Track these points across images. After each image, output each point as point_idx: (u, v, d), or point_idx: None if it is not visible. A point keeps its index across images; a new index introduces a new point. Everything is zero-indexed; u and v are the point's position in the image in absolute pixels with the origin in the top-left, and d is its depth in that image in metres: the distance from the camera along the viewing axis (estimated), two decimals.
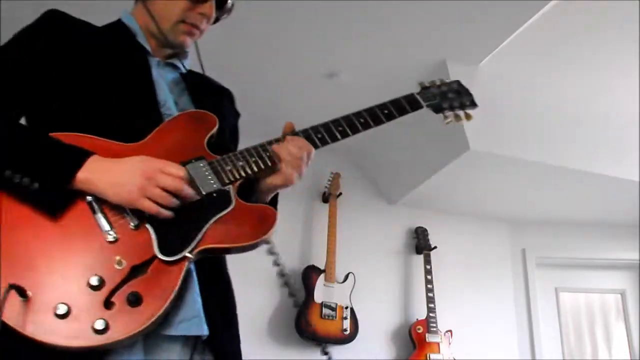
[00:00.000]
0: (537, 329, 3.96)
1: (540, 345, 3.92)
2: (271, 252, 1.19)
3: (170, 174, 0.97)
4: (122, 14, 1.26)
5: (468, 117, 1.42)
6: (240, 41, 2.81)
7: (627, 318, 4.12)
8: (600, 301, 4.27)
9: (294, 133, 1.16)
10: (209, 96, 1.24)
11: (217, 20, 1.29)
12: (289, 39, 2.83)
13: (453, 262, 3.90)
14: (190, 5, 1.18)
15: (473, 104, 1.41)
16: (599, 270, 4.22)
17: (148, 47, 1.22)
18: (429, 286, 3.60)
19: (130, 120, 1.07)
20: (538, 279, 4.13)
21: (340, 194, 3.68)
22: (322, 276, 3.38)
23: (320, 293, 3.32)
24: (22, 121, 1.09)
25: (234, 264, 1.22)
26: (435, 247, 3.79)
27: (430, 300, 3.57)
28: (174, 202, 0.97)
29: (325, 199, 3.67)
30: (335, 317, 3.29)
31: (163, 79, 1.20)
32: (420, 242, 3.82)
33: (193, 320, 0.98)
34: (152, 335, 0.95)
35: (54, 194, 0.92)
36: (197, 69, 1.34)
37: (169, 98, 1.17)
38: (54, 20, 1.12)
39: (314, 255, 3.52)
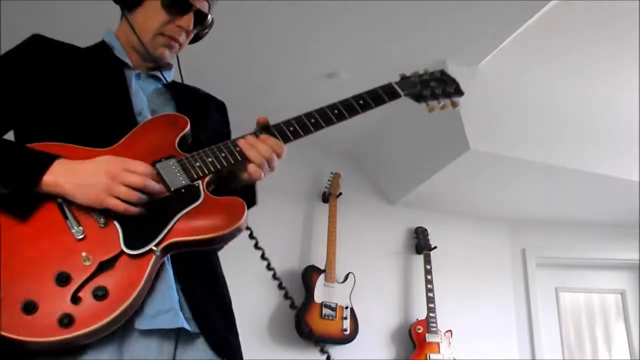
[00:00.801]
0: (537, 329, 3.96)
1: (540, 345, 3.92)
2: (263, 257, 1.20)
3: (135, 171, 1.00)
4: (104, 33, 1.30)
5: (454, 104, 1.38)
6: (240, 41, 2.81)
7: (627, 318, 4.12)
8: (600, 301, 4.27)
9: (266, 126, 1.16)
10: (194, 104, 1.26)
11: (198, 36, 1.33)
12: (289, 39, 2.83)
13: (453, 262, 3.90)
14: (168, 18, 1.21)
15: (459, 92, 1.38)
16: (599, 270, 4.22)
17: (127, 60, 1.25)
18: (429, 286, 3.60)
19: (105, 129, 1.11)
20: (538, 279, 4.13)
21: (340, 194, 3.68)
22: (322, 276, 3.38)
23: (320, 293, 3.32)
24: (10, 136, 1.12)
25: (233, 264, 1.23)
26: (435, 247, 3.79)
27: (430, 300, 3.57)
28: (141, 197, 0.99)
29: (325, 199, 3.67)
30: (335, 317, 3.29)
31: (143, 90, 1.23)
32: (420, 242, 3.82)
33: (169, 313, 0.99)
34: (128, 332, 0.96)
35: (22, 198, 0.95)
36: (193, 80, 1.36)
37: (145, 107, 1.19)
38: (36, 43, 1.18)
39: (314, 255, 3.52)
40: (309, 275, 3.37)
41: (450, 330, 3.60)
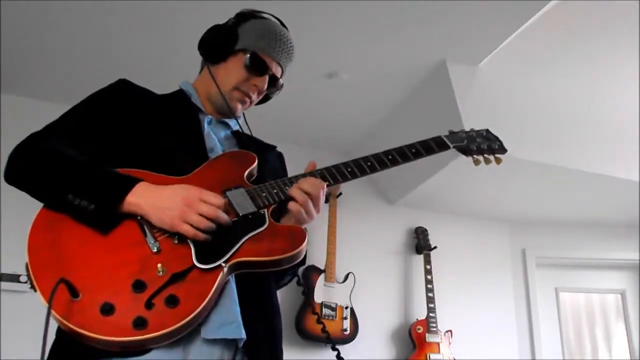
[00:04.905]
0: (537, 329, 3.97)
1: (540, 345, 3.93)
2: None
3: (208, 202, 1.09)
4: (181, 83, 1.44)
5: (498, 160, 1.50)
6: None
7: (627, 318, 4.13)
8: (600, 301, 4.27)
9: (315, 171, 1.26)
10: (256, 151, 1.35)
11: (268, 97, 1.48)
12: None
13: (453, 262, 3.91)
14: (247, 76, 1.36)
15: (502, 149, 1.51)
16: (599, 270, 4.23)
17: (201, 107, 1.38)
18: (429, 286, 3.61)
19: (180, 161, 1.23)
20: (538, 279, 4.14)
21: (340, 194, 3.68)
22: (322, 276, 3.38)
23: (320, 293, 3.32)
24: None
25: None
26: (435, 247, 3.79)
27: (430, 300, 3.57)
28: (210, 226, 1.08)
29: (326, 199, 3.66)
30: (335, 317, 3.29)
31: (214, 134, 1.36)
32: (420, 242, 3.82)
33: (232, 324, 1.08)
34: (194, 340, 1.05)
35: (106, 214, 1.06)
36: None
37: (216, 145, 1.32)
38: (122, 85, 1.32)
39: (314, 255, 3.52)
40: (309, 275, 3.37)
41: (450, 330, 3.60)
